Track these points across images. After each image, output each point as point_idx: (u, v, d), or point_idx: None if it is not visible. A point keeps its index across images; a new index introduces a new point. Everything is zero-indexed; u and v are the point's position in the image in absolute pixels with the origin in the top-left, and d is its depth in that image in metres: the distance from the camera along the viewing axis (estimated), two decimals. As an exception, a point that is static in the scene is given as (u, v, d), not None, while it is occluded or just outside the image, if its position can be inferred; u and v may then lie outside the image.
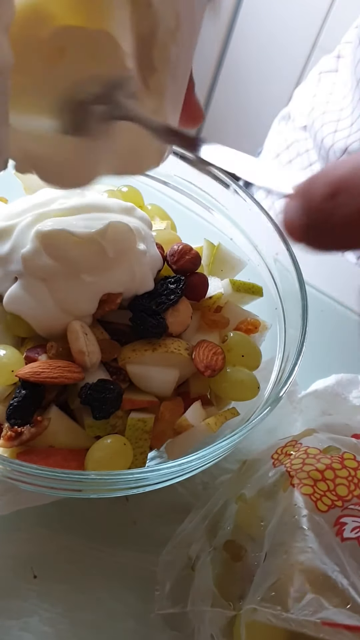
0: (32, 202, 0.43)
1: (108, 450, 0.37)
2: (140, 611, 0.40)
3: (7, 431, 0.36)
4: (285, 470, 0.37)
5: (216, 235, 0.52)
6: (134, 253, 0.42)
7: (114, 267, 0.41)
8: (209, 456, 0.35)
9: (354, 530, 0.34)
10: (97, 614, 0.40)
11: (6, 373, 0.38)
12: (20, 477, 0.34)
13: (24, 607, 0.40)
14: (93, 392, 0.37)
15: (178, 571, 0.39)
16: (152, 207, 0.52)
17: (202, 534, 0.39)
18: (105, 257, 0.40)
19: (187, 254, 0.45)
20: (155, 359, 0.41)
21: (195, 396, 0.43)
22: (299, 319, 0.43)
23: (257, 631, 0.32)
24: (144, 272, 0.42)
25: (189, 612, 0.36)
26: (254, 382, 0.42)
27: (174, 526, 0.41)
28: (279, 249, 0.47)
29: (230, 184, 0.50)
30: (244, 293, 0.48)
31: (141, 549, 0.43)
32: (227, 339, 0.44)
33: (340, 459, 0.37)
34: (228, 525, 0.38)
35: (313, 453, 0.38)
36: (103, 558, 0.42)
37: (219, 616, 0.34)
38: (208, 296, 0.46)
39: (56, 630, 0.39)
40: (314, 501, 0.35)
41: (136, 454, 0.38)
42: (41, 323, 0.40)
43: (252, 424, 0.36)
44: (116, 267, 0.41)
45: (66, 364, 0.38)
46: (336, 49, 0.83)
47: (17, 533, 0.42)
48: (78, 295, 0.40)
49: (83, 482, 0.34)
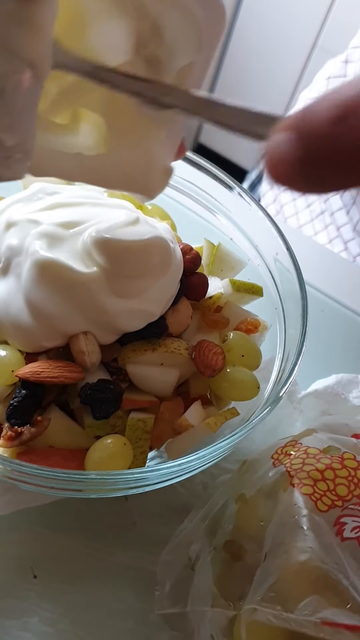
0: (27, 208, 0.42)
1: (108, 450, 0.37)
2: (140, 611, 0.40)
3: (7, 431, 0.36)
4: (285, 470, 0.37)
5: (216, 235, 0.52)
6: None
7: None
8: (209, 456, 0.35)
9: (354, 530, 0.34)
10: (97, 614, 0.40)
11: (6, 373, 0.38)
12: (20, 477, 0.34)
13: (24, 607, 0.40)
14: (93, 392, 0.37)
15: (178, 571, 0.39)
16: (152, 207, 0.52)
17: (202, 534, 0.39)
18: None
19: (187, 254, 0.45)
20: (155, 359, 0.41)
21: (195, 396, 0.43)
22: (299, 319, 0.43)
23: (257, 631, 0.32)
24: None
25: (189, 612, 0.36)
26: (254, 382, 0.42)
27: (174, 526, 0.41)
28: (279, 249, 0.47)
29: (230, 185, 0.50)
30: (244, 293, 0.48)
31: (141, 549, 0.43)
32: (227, 339, 0.44)
33: (340, 459, 0.37)
34: (228, 525, 0.38)
35: (313, 453, 0.38)
36: (103, 558, 0.42)
37: (219, 616, 0.34)
38: (208, 296, 0.46)
39: (56, 630, 0.39)
40: (314, 501, 0.35)
41: (136, 454, 0.38)
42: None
43: (252, 424, 0.36)
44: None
45: (66, 364, 0.38)
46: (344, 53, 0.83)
47: (17, 533, 0.42)
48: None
49: (83, 482, 0.34)
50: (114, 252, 0.39)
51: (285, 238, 0.47)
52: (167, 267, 0.41)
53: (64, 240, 0.40)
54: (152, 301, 0.41)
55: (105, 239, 0.39)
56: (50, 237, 0.39)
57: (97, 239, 0.39)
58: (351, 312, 0.66)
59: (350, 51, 0.83)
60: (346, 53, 0.83)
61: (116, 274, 0.39)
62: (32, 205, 0.43)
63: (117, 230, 0.40)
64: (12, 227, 0.41)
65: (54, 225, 0.40)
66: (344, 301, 0.66)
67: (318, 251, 0.76)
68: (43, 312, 0.38)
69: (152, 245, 0.40)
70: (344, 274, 0.72)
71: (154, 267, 0.40)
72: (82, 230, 0.40)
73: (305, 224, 0.87)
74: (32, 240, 0.39)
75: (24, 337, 0.39)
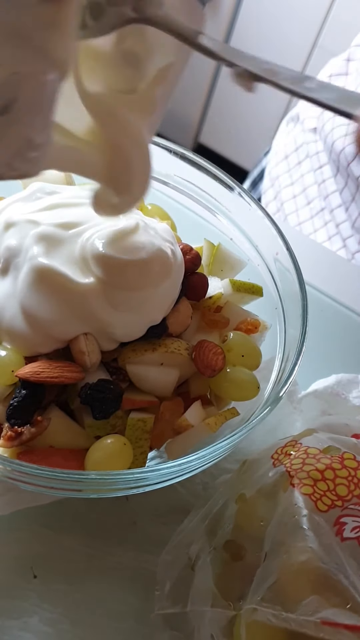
0: (26, 209, 0.42)
1: (108, 450, 0.37)
2: (140, 611, 0.40)
3: (7, 431, 0.36)
4: (285, 470, 0.37)
5: (216, 235, 0.52)
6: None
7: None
8: (209, 456, 0.35)
9: (354, 530, 0.34)
10: (97, 614, 0.40)
11: (6, 373, 0.38)
12: (20, 477, 0.34)
13: (24, 607, 0.40)
14: (93, 392, 0.37)
15: (178, 571, 0.39)
16: (152, 207, 0.52)
17: (202, 534, 0.39)
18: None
19: (187, 254, 0.45)
20: (155, 359, 0.41)
21: (195, 396, 0.43)
22: (299, 319, 0.43)
23: (257, 631, 0.32)
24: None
25: (189, 612, 0.36)
26: (254, 382, 0.42)
27: (174, 526, 0.41)
28: (279, 249, 0.47)
29: (230, 185, 0.50)
30: (244, 293, 0.48)
31: (141, 549, 0.43)
32: (227, 339, 0.44)
33: (340, 459, 0.37)
34: (228, 525, 0.38)
35: (313, 453, 0.38)
36: (103, 558, 0.42)
37: (219, 616, 0.34)
38: (208, 296, 0.46)
39: (56, 630, 0.39)
40: (314, 501, 0.35)
41: (136, 454, 0.38)
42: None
43: (252, 424, 0.36)
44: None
45: (66, 364, 0.38)
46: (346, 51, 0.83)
47: (17, 533, 0.42)
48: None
49: (83, 482, 0.34)
50: (112, 267, 0.39)
51: (285, 238, 0.47)
52: (167, 276, 0.41)
53: (63, 242, 0.40)
54: (152, 310, 0.40)
55: (103, 255, 0.39)
56: (49, 240, 0.39)
57: (96, 254, 0.39)
58: (351, 312, 0.66)
59: (353, 49, 0.83)
60: (348, 52, 0.83)
61: (114, 287, 0.39)
62: (31, 204, 0.43)
63: (116, 243, 0.39)
64: (11, 227, 0.41)
65: (53, 226, 0.40)
66: (344, 301, 0.66)
67: (318, 251, 0.76)
68: (37, 318, 0.38)
69: (151, 261, 0.40)
70: (344, 274, 0.72)
71: (154, 278, 0.40)
72: (81, 232, 0.40)
73: (305, 221, 0.87)
74: (31, 242, 0.39)
75: (18, 341, 0.39)
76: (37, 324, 0.38)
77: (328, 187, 0.83)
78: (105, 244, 0.39)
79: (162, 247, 0.41)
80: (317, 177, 0.85)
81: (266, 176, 0.95)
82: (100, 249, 0.39)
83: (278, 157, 0.93)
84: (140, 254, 0.39)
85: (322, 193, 0.85)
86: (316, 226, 0.86)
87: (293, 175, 0.89)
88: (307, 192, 0.87)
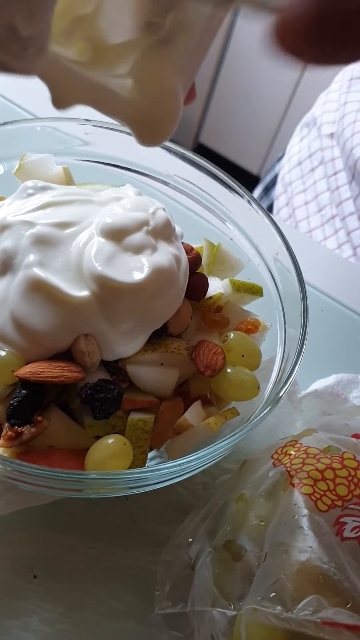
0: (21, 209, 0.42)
1: (108, 450, 0.37)
2: (140, 611, 0.40)
3: (7, 431, 0.36)
4: (285, 470, 0.37)
5: (216, 235, 0.52)
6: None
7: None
8: (209, 456, 0.35)
9: (354, 530, 0.34)
10: (97, 614, 0.40)
11: (6, 373, 0.38)
12: (20, 477, 0.34)
13: (24, 607, 0.40)
14: (93, 392, 0.37)
15: (178, 571, 0.39)
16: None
17: (202, 534, 0.39)
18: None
19: (188, 253, 0.45)
20: (155, 359, 0.41)
21: (195, 396, 0.43)
22: (299, 319, 0.43)
23: (257, 631, 0.32)
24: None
25: (189, 612, 0.36)
26: (254, 382, 0.42)
27: (174, 526, 0.41)
28: (279, 249, 0.47)
29: (231, 184, 0.50)
30: (244, 293, 0.48)
31: (141, 549, 0.43)
32: (227, 339, 0.44)
33: (340, 459, 0.37)
34: (228, 525, 0.38)
35: (313, 453, 0.38)
36: (103, 558, 0.42)
37: (219, 616, 0.34)
38: (208, 296, 0.46)
39: (56, 630, 0.39)
40: (314, 501, 0.35)
41: (136, 454, 0.38)
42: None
43: (252, 424, 0.36)
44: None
45: (66, 364, 0.38)
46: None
47: (17, 533, 0.42)
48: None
49: (83, 482, 0.34)
50: (108, 288, 0.38)
51: (285, 238, 0.47)
52: (171, 286, 0.40)
53: (59, 245, 0.39)
54: (153, 321, 0.40)
55: (99, 275, 0.38)
56: (45, 242, 0.39)
57: (93, 273, 0.38)
58: (351, 312, 0.66)
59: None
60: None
61: (109, 305, 0.38)
62: (23, 202, 0.43)
63: (112, 258, 0.38)
64: (6, 229, 0.41)
65: (48, 226, 0.40)
66: (344, 301, 0.66)
67: (318, 251, 0.76)
68: (27, 328, 0.38)
69: (150, 282, 0.38)
70: (344, 274, 0.72)
71: (154, 294, 0.39)
72: (77, 232, 0.40)
73: (316, 228, 0.87)
74: (27, 244, 0.39)
75: (10, 347, 0.38)
76: (28, 333, 0.38)
77: (342, 194, 0.82)
78: (102, 259, 0.38)
79: (163, 262, 0.40)
80: (331, 184, 0.84)
81: (279, 182, 0.94)
82: (97, 267, 0.38)
83: (291, 163, 0.92)
84: (138, 276, 0.38)
85: (334, 200, 0.84)
86: (327, 234, 0.85)
87: (306, 181, 0.88)
88: (319, 199, 0.86)
